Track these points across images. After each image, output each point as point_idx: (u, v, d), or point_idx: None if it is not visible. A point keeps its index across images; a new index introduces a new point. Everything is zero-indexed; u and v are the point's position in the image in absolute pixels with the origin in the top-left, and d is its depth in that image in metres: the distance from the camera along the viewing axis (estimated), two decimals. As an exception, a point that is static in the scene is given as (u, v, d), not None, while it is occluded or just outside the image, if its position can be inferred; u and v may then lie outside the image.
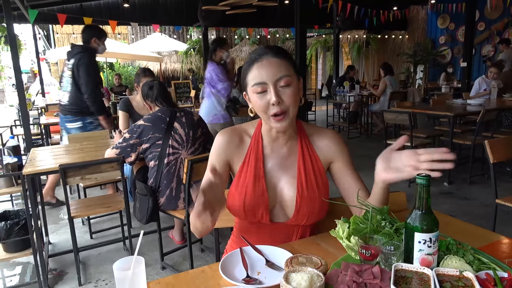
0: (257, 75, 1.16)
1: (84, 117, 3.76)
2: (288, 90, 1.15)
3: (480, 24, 10.25)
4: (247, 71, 1.19)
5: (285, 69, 1.15)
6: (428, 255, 0.88)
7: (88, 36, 3.82)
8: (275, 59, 1.16)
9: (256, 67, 1.17)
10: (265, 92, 1.16)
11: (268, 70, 1.15)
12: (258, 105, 1.17)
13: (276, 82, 1.14)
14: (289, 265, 0.99)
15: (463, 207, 3.76)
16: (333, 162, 1.29)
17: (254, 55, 1.19)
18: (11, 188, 2.55)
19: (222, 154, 1.28)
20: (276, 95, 1.13)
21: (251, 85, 1.18)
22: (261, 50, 1.19)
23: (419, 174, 0.90)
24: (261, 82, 1.15)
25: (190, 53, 13.31)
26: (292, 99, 1.16)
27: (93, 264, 2.87)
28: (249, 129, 1.32)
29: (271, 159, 1.28)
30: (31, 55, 15.86)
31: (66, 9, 7.81)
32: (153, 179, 2.58)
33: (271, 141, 1.29)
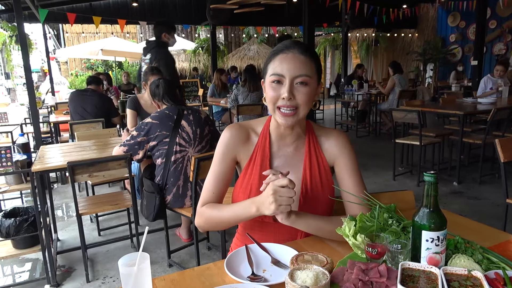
0: (278, 66, 1.14)
1: None
2: (303, 88, 1.13)
3: (491, 22, 10.11)
4: (270, 60, 1.17)
5: (307, 69, 1.14)
6: (435, 254, 0.87)
7: (158, 32, 4.08)
8: (301, 56, 1.14)
9: (280, 58, 1.15)
10: (280, 84, 1.14)
11: (290, 65, 1.13)
12: (269, 95, 1.16)
13: (294, 78, 1.13)
14: (295, 262, 0.98)
15: (473, 207, 3.71)
16: (335, 164, 1.27)
17: (281, 46, 1.17)
18: (21, 185, 2.58)
19: (229, 149, 1.27)
20: (289, 91, 1.12)
21: (269, 74, 1.16)
22: (290, 43, 1.17)
23: (426, 171, 0.89)
24: (280, 74, 1.13)
25: (198, 52, 13.34)
26: (305, 98, 1.14)
27: (101, 261, 2.89)
28: (257, 127, 1.31)
29: (278, 158, 1.27)
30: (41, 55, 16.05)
31: (76, 8, 7.89)
32: (160, 176, 2.58)
33: (279, 139, 1.27)
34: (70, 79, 14.76)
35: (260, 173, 1.23)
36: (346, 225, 1.03)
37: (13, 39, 9.08)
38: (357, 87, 7.56)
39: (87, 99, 4.45)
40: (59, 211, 3.96)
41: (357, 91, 7.37)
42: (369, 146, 6.44)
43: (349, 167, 1.25)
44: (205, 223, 1.26)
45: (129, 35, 15.32)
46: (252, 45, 14.49)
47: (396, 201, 1.27)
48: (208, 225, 1.26)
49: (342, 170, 1.26)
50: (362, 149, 6.12)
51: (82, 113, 4.43)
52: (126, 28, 14.92)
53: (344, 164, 1.25)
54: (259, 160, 1.25)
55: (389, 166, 4.65)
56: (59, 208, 4.05)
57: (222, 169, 1.27)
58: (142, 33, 15.25)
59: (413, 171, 4.74)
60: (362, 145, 6.55)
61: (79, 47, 11.18)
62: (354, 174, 1.25)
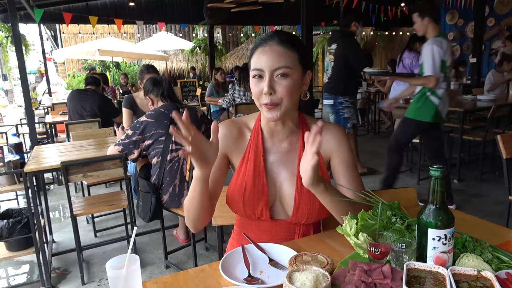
0: (257, 60, 1.10)
1: (337, 96, 4.19)
2: (284, 81, 1.08)
3: (489, 19, 10.07)
4: (251, 55, 1.15)
5: (287, 60, 1.08)
6: (443, 253, 0.82)
7: (348, 20, 4.13)
8: (279, 47, 1.09)
9: (258, 52, 1.11)
10: (261, 78, 1.10)
11: (268, 58, 1.08)
12: (253, 91, 1.13)
13: (273, 71, 1.08)
14: (293, 263, 0.94)
15: (475, 205, 3.67)
16: (331, 158, 1.22)
17: (260, 39, 1.14)
18: (13, 186, 2.53)
19: (221, 146, 1.19)
20: (269, 85, 1.07)
21: (251, 69, 1.13)
22: (269, 35, 1.13)
23: (432, 165, 0.84)
24: (259, 68, 1.10)
25: (196, 52, 13.28)
26: (286, 91, 1.08)
27: (97, 263, 2.84)
28: (249, 122, 1.26)
29: (272, 154, 1.22)
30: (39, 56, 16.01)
31: (72, 8, 7.82)
32: (156, 176, 2.53)
33: (271, 135, 1.23)
34: (67, 80, 14.69)
35: (254, 170, 1.19)
36: (347, 223, 0.98)
37: (9, 40, 9.02)
38: (355, 86, 7.52)
39: (87, 99, 4.40)
40: (56, 212, 3.91)
41: (355, 90, 7.33)
42: (368, 145, 6.39)
43: (346, 162, 1.20)
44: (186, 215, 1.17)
45: (127, 35, 15.26)
46: (250, 44, 14.44)
47: (398, 198, 1.22)
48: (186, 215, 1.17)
49: (338, 165, 1.20)
50: (361, 148, 6.06)
51: (81, 112, 4.38)
52: (123, 28, 14.86)
53: (340, 159, 1.20)
54: (252, 157, 1.20)
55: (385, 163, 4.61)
56: (55, 209, 3.99)
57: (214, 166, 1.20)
58: (140, 33, 15.19)
59: (413, 169, 4.70)
60: (361, 143, 6.49)
61: (75, 47, 11.10)
62: (351, 169, 1.20)
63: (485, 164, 4.42)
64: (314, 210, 1.17)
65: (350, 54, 3.97)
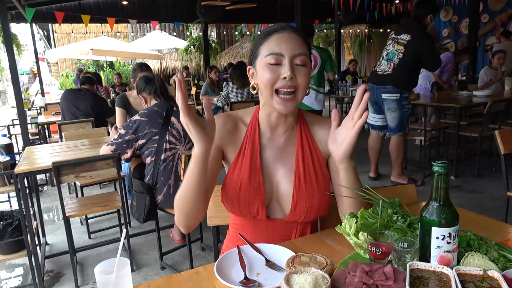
0: (275, 45, 1.06)
1: (403, 90, 3.81)
2: (304, 69, 1.06)
3: (484, 16, 10.09)
4: (262, 41, 1.09)
5: (304, 48, 1.07)
6: (447, 253, 0.78)
7: (425, 12, 3.76)
8: (296, 35, 1.07)
9: (275, 38, 1.06)
10: (278, 65, 1.06)
11: (288, 43, 1.05)
12: (266, 77, 1.06)
13: (294, 58, 1.05)
14: (291, 265, 0.90)
15: (472, 201, 3.65)
16: (331, 154, 1.17)
17: (274, 27, 1.09)
18: (4, 188, 2.47)
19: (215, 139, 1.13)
20: (291, 69, 1.04)
21: (264, 55, 1.07)
22: (283, 24, 1.10)
23: (435, 161, 0.80)
24: (278, 53, 1.05)
25: (190, 50, 13.20)
26: (305, 79, 1.06)
27: (91, 265, 2.79)
28: (245, 117, 1.21)
29: (268, 149, 1.17)
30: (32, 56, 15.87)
31: (64, 7, 7.74)
32: (150, 176, 2.48)
33: (269, 130, 1.18)
34: (61, 80, 14.56)
35: (250, 166, 1.14)
36: (346, 222, 0.94)
37: (0, 40, 8.91)
38: (351, 83, 7.50)
39: (81, 98, 4.35)
40: (49, 214, 3.85)
41: (351, 87, 7.31)
42: (364, 142, 6.35)
43: None
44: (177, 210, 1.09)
45: (120, 34, 15.16)
46: (245, 43, 14.39)
47: (397, 195, 1.18)
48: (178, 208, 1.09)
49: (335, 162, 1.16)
50: (358, 145, 5.97)
51: (75, 112, 4.32)
52: (117, 27, 14.76)
53: None
54: (248, 153, 1.15)
55: (385, 161, 4.58)
56: (49, 210, 3.93)
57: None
58: (133, 32, 15.08)
59: (407, 167, 4.68)
60: (358, 140, 6.37)
61: (69, 47, 10.99)
62: None
63: (481, 160, 4.40)
64: (313, 207, 1.13)
65: (425, 51, 3.67)
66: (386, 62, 3.83)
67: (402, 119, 3.86)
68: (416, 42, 3.65)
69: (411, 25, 3.74)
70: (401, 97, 3.80)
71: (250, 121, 1.19)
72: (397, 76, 3.76)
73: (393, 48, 3.78)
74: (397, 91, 3.79)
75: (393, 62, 3.76)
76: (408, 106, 3.88)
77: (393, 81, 3.78)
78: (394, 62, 3.76)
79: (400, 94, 3.80)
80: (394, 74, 3.77)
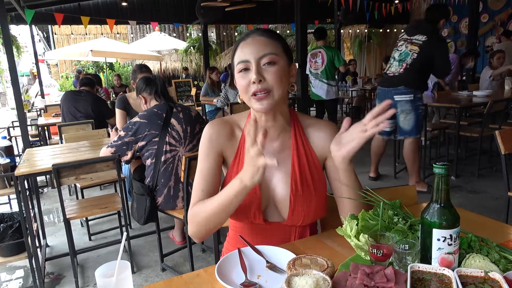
0: (241, 53, 1.08)
1: (417, 91, 3.72)
2: (272, 68, 1.06)
3: (483, 15, 10.09)
4: (234, 53, 1.12)
5: (270, 47, 1.07)
6: (448, 254, 0.78)
7: (439, 16, 3.72)
8: (260, 37, 1.09)
9: (241, 45, 1.10)
10: (247, 70, 1.07)
11: (251, 48, 1.07)
12: (240, 86, 1.09)
13: (259, 59, 1.06)
14: (292, 267, 0.89)
15: (473, 201, 3.65)
16: (327, 157, 1.17)
17: (241, 37, 1.13)
18: (4, 190, 2.47)
19: (214, 144, 1.17)
20: (257, 72, 1.04)
21: (235, 65, 1.10)
22: (249, 31, 1.14)
23: (436, 163, 0.80)
24: (244, 60, 1.07)
25: (190, 51, 13.21)
26: (276, 77, 1.05)
27: (91, 267, 2.79)
28: (239, 121, 1.22)
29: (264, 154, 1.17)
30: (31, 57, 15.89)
31: (64, 9, 7.73)
32: (150, 177, 2.48)
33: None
34: (60, 82, 14.57)
35: None
36: (347, 224, 0.94)
37: (0, 42, 8.91)
38: (351, 83, 7.50)
39: (81, 100, 4.34)
40: (49, 216, 3.85)
41: (351, 87, 7.31)
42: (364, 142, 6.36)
43: None
44: (197, 225, 1.11)
45: (120, 36, 15.16)
46: (244, 43, 14.38)
47: (397, 196, 1.18)
48: (200, 224, 1.11)
49: (334, 165, 1.14)
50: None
51: (75, 113, 4.32)
52: (117, 29, 14.77)
53: None
54: (243, 158, 1.15)
55: (386, 161, 4.58)
56: (49, 212, 3.93)
57: (209, 165, 1.16)
58: (133, 33, 15.09)
59: (407, 167, 4.66)
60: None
61: (68, 48, 10.99)
62: None
63: (482, 160, 4.40)
64: (310, 211, 1.13)
65: (440, 54, 3.59)
66: (398, 63, 3.74)
67: (417, 120, 3.76)
68: (432, 43, 3.58)
69: (426, 26, 3.68)
70: (415, 97, 3.70)
71: (245, 126, 1.20)
72: (410, 76, 3.67)
73: (406, 49, 3.68)
74: (411, 92, 3.68)
75: (406, 62, 3.67)
76: (422, 107, 3.79)
77: (406, 81, 3.69)
78: (406, 62, 3.66)
79: (413, 95, 3.69)
80: (406, 74, 3.68)
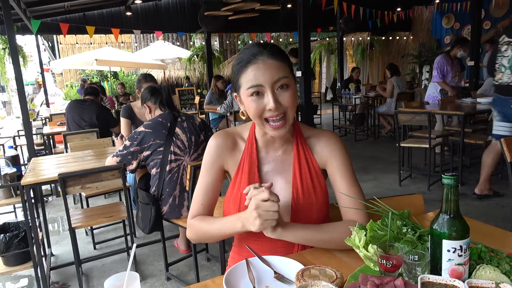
0: (253, 78, 1.05)
1: None
2: (286, 92, 1.06)
3: (485, 22, 10.11)
4: (240, 72, 1.08)
5: (282, 71, 1.06)
6: (458, 265, 0.78)
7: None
8: (271, 60, 1.06)
9: (252, 69, 1.06)
10: (260, 95, 1.06)
11: (264, 72, 1.05)
12: (253, 110, 1.07)
13: (274, 84, 1.05)
14: (300, 278, 0.89)
15: (478, 209, 3.62)
16: (327, 165, 1.19)
17: (247, 55, 1.07)
18: (10, 199, 2.48)
19: (216, 158, 1.21)
20: (274, 99, 1.04)
21: (245, 88, 1.07)
22: (255, 49, 1.08)
23: (445, 173, 0.80)
24: (258, 84, 1.05)
25: (194, 60, 13.28)
26: (290, 101, 1.07)
27: (96, 276, 2.79)
28: (243, 133, 1.24)
29: (266, 163, 1.20)
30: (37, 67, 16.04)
31: (69, 19, 7.81)
32: (155, 187, 2.49)
33: (266, 144, 1.21)
34: (65, 90, 14.67)
35: (248, 181, 1.16)
36: (355, 235, 0.94)
37: (6, 51, 9.00)
38: (354, 91, 7.51)
39: (86, 109, 4.38)
40: (54, 225, 3.85)
41: (354, 95, 7.32)
42: (368, 150, 6.36)
43: (342, 169, 1.17)
44: (195, 236, 1.22)
45: (124, 45, 15.28)
46: (247, 52, 14.43)
47: (405, 206, 1.18)
48: (199, 238, 1.23)
49: (334, 173, 1.17)
50: (362, 153, 6.04)
51: (80, 122, 4.35)
52: (121, 38, 14.89)
53: (335, 167, 1.17)
54: (247, 167, 1.18)
55: (390, 169, 4.57)
56: (54, 221, 3.94)
57: (210, 179, 1.21)
58: (137, 42, 15.21)
59: (412, 174, 4.66)
60: (361, 148, 6.47)
61: (73, 58, 11.09)
62: (348, 176, 1.17)
63: (487, 167, 4.37)
64: (312, 218, 1.15)
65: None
66: (510, 71, 3.53)
67: None
68: None
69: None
70: None
71: (248, 137, 1.22)
72: None
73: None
74: None
75: None
76: None
77: None
78: None
79: None
80: None
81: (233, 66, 1.13)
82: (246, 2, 6.61)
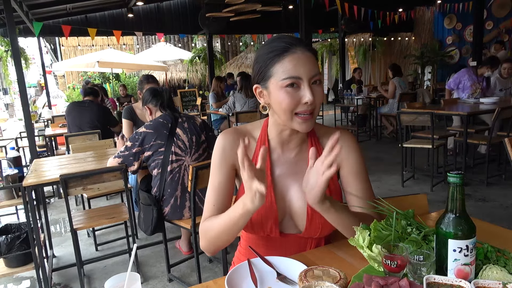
0: (292, 68, 1.00)
1: None
2: (319, 88, 1.03)
3: (488, 23, 10.08)
4: (274, 62, 1.02)
5: (317, 66, 1.04)
6: (464, 266, 0.77)
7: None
8: (309, 53, 1.02)
9: (291, 59, 1.00)
10: (295, 87, 1.01)
11: (306, 65, 1.00)
12: (286, 102, 1.00)
13: (311, 78, 1.01)
14: (304, 279, 0.88)
15: (482, 209, 3.60)
16: (341, 167, 1.14)
17: (283, 44, 1.02)
18: (12, 201, 2.48)
19: (226, 156, 1.13)
20: (312, 94, 1.00)
21: (280, 78, 1.01)
22: (291, 39, 1.03)
23: (450, 171, 0.79)
24: (296, 76, 1.00)
25: (195, 61, 13.30)
26: (321, 97, 1.04)
27: (98, 278, 2.78)
28: (254, 131, 1.18)
29: (280, 165, 1.14)
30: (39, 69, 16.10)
31: (71, 21, 7.84)
32: (156, 188, 2.48)
33: (280, 145, 1.15)
34: (67, 92, 14.71)
35: None
36: (359, 234, 0.92)
37: (9, 54, 9.03)
38: (356, 92, 7.49)
39: (85, 110, 4.38)
40: (56, 226, 3.85)
41: (356, 95, 7.30)
42: (371, 151, 6.34)
43: (355, 171, 1.13)
44: (207, 241, 1.11)
45: (126, 47, 15.32)
46: (249, 53, 14.46)
47: (408, 205, 1.17)
48: (209, 241, 1.11)
49: (348, 174, 1.14)
50: (364, 154, 5.93)
51: (80, 124, 4.35)
52: (123, 40, 14.93)
53: (350, 168, 1.14)
54: None
55: (392, 170, 4.55)
56: (56, 223, 3.93)
57: (221, 178, 1.13)
58: (139, 44, 15.24)
59: (415, 175, 4.64)
60: (364, 149, 6.44)
61: (75, 60, 11.13)
62: (361, 178, 1.13)
63: (490, 167, 4.35)
64: (328, 222, 1.08)
65: None
66: None
67: None
68: None
69: None
70: None
71: (260, 136, 1.16)
72: None
73: None
74: None
75: None
76: None
77: None
78: None
79: None
80: None
81: (260, 56, 1.06)
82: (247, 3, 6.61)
